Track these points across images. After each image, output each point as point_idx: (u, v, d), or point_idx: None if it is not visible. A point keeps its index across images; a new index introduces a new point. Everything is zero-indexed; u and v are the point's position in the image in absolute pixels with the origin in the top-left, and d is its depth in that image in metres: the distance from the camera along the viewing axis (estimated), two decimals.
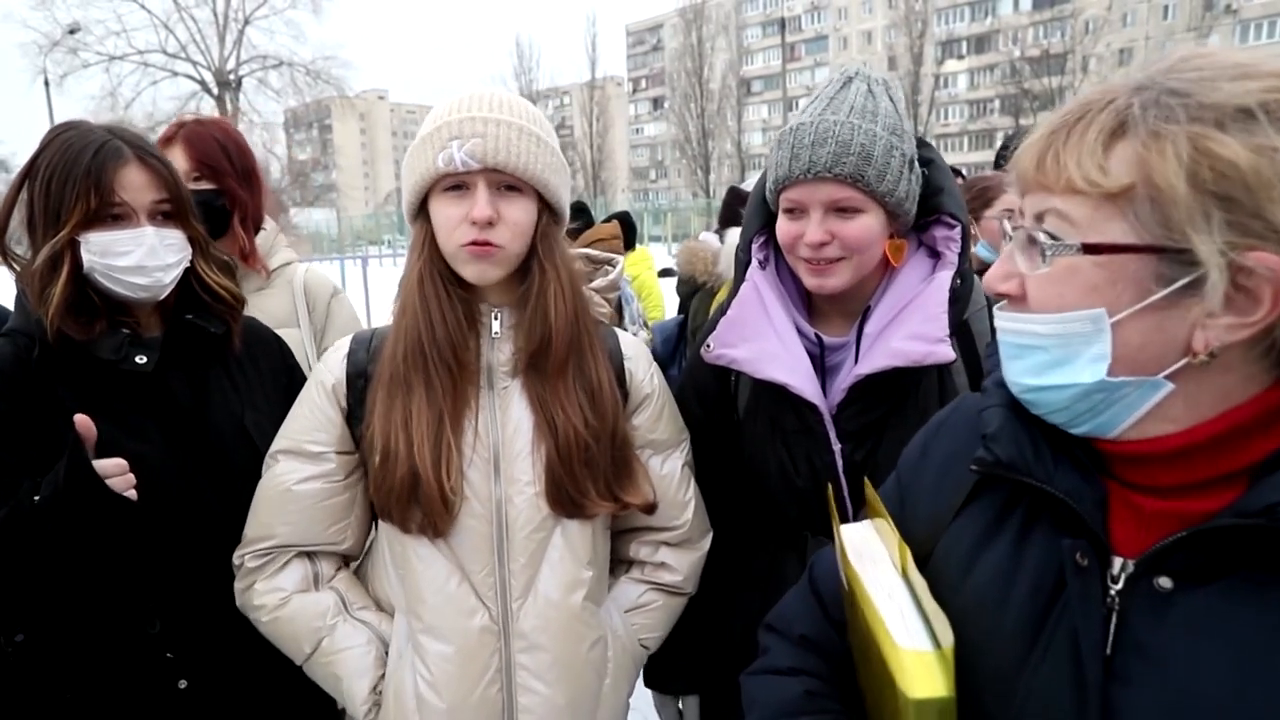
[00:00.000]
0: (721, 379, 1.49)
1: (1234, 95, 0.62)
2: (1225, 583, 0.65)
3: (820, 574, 1.03)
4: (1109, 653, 0.69)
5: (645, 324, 4.32)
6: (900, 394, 1.32)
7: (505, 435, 1.26)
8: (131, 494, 1.20)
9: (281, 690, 1.41)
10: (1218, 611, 0.65)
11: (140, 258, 1.28)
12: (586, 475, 1.25)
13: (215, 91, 31.43)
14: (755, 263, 1.42)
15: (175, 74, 31.43)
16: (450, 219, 1.20)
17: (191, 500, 1.34)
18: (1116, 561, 0.71)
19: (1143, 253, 0.65)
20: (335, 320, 1.97)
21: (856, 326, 1.35)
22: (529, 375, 1.27)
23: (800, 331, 1.38)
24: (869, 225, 1.28)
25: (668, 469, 1.40)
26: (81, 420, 1.15)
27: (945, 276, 1.31)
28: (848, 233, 1.27)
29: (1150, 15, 51.09)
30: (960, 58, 61.80)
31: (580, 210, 5.24)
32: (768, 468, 1.40)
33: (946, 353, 1.24)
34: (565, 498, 1.25)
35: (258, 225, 1.92)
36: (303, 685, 1.33)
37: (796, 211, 1.30)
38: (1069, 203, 0.68)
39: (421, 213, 1.26)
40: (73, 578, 1.25)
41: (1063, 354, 0.70)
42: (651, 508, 1.34)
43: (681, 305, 3.64)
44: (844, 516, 1.35)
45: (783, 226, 1.33)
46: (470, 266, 1.22)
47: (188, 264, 1.36)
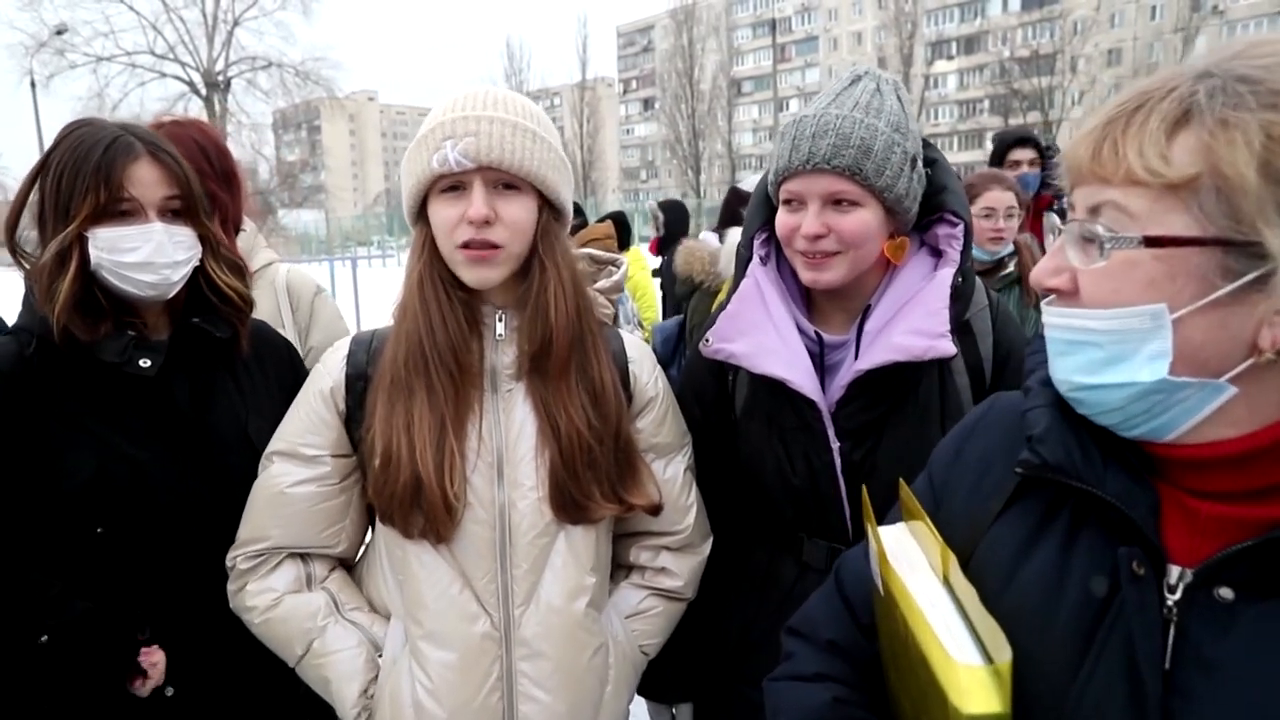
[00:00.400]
0: (719, 377, 1.48)
1: None
2: None
3: (847, 577, 1.00)
4: (1168, 666, 0.66)
5: (640, 324, 4.31)
6: (900, 392, 1.31)
7: (509, 439, 1.24)
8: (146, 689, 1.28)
9: (275, 699, 1.39)
10: None
11: (148, 254, 1.25)
12: (590, 478, 1.23)
13: (204, 93, 31.25)
14: (757, 258, 1.41)
15: (164, 75, 31.26)
16: (448, 220, 1.19)
17: (188, 507, 1.32)
18: (1173, 570, 0.68)
19: (1208, 245, 0.62)
20: (319, 319, 1.95)
21: (857, 325, 1.34)
22: (532, 378, 1.25)
23: (800, 329, 1.37)
24: (866, 220, 1.27)
25: (670, 473, 1.38)
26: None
27: (947, 274, 1.30)
28: (844, 226, 1.26)
29: (1138, 16, 51.46)
30: (950, 58, 62.09)
31: (575, 210, 5.22)
32: (764, 466, 1.39)
33: (947, 347, 1.23)
34: (569, 502, 1.23)
35: (237, 227, 1.90)
36: (297, 695, 1.31)
37: (795, 203, 1.29)
38: (1128, 194, 0.65)
39: (421, 215, 1.24)
40: (63, 582, 1.23)
41: (1119, 350, 0.67)
42: (657, 509, 1.32)
43: (679, 305, 3.63)
44: (843, 518, 1.34)
45: (781, 219, 1.32)
46: (470, 271, 1.21)
47: (197, 263, 1.34)
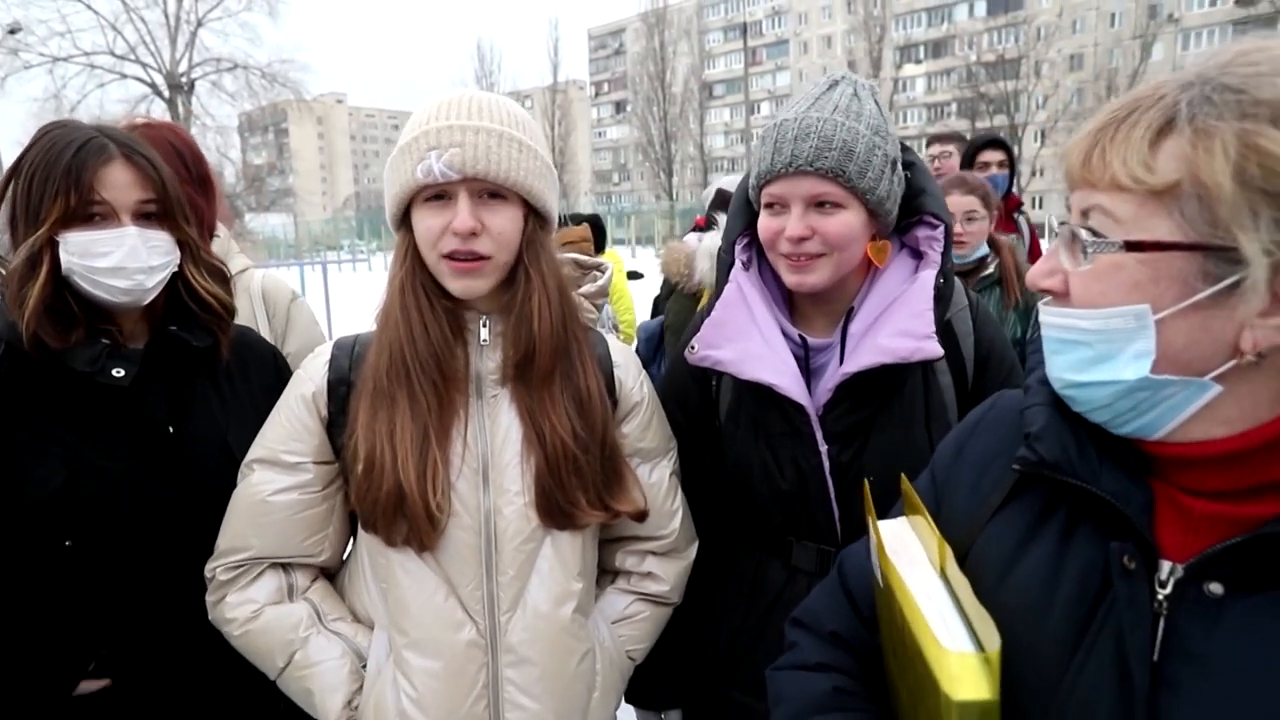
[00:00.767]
0: (702, 383, 1.48)
1: None
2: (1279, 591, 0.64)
3: (850, 570, 1.02)
4: (1156, 658, 0.68)
5: (615, 327, 4.30)
6: (886, 394, 1.32)
7: (494, 445, 1.23)
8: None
9: (252, 714, 1.36)
10: (1272, 620, 0.64)
11: (121, 259, 1.22)
12: (576, 485, 1.23)
13: (166, 95, 30.66)
14: (739, 263, 1.41)
15: (124, 76, 30.60)
16: (432, 230, 1.17)
17: (163, 521, 1.29)
18: (1165, 566, 0.70)
19: (1187, 250, 0.63)
20: (295, 325, 1.93)
21: (841, 327, 1.35)
22: (516, 384, 1.24)
23: (785, 333, 1.37)
24: (849, 222, 1.27)
25: (655, 477, 1.38)
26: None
27: (929, 275, 1.31)
28: (828, 228, 1.27)
29: (1099, 22, 52.62)
30: (918, 62, 62.99)
31: None
32: (751, 471, 1.39)
33: (934, 348, 1.24)
34: (555, 508, 1.22)
35: (212, 232, 1.87)
36: (276, 712, 1.28)
37: (778, 207, 1.30)
38: (1114, 199, 0.67)
39: (404, 222, 1.22)
40: (22, 598, 1.20)
41: (1106, 349, 0.69)
42: (643, 515, 1.31)
43: (659, 306, 3.63)
44: (832, 520, 1.35)
45: (764, 222, 1.32)
46: (455, 282, 1.19)
47: (175, 268, 1.31)
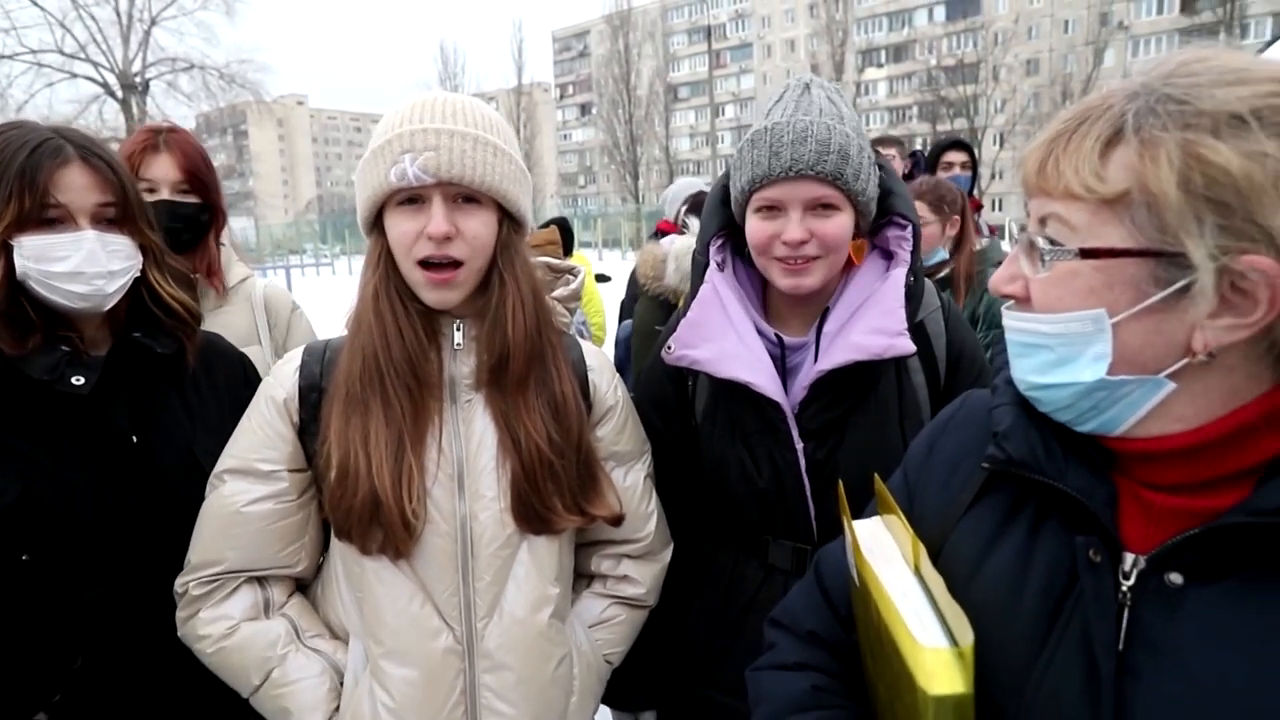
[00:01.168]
0: (678, 384, 1.49)
1: (1227, 102, 0.63)
2: (1235, 579, 0.67)
3: (826, 570, 1.04)
4: (1121, 648, 0.70)
5: (584, 328, 4.28)
6: (861, 391, 1.34)
7: (469, 451, 1.22)
8: None
9: None
10: (1228, 607, 0.66)
11: (78, 263, 1.19)
12: (552, 490, 1.22)
13: (120, 95, 29.86)
14: (714, 265, 1.42)
15: (74, 75, 29.72)
16: (406, 234, 1.16)
17: (126, 533, 1.25)
18: (1128, 558, 0.72)
19: (1139, 256, 0.66)
20: (295, 335, 1.93)
21: (816, 327, 1.37)
22: (491, 389, 1.23)
23: (761, 332, 1.39)
24: (844, 224, 1.29)
25: (630, 481, 1.38)
26: None
27: (900, 274, 1.34)
28: (826, 231, 1.28)
29: (1053, 29, 53.89)
30: (880, 66, 63.88)
31: None
32: (728, 470, 1.40)
33: (906, 345, 1.27)
34: (532, 513, 1.22)
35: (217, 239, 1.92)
36: None
37: (774, 210, 1.30)
38: (1069, 208, 0.70)
39: (376, 225, 1.21)
40: None
41: (1066, 353, 0.72)
42: (619, 519, 1.32)
43: (625, 310, 3.63)
44: (808, 518, 1.36)
45: (757, 226, 1.32)
46: (431, 293, 1.18)
47: (137, 273, 1.27)
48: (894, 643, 0.76)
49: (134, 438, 1.29)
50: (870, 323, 1.30)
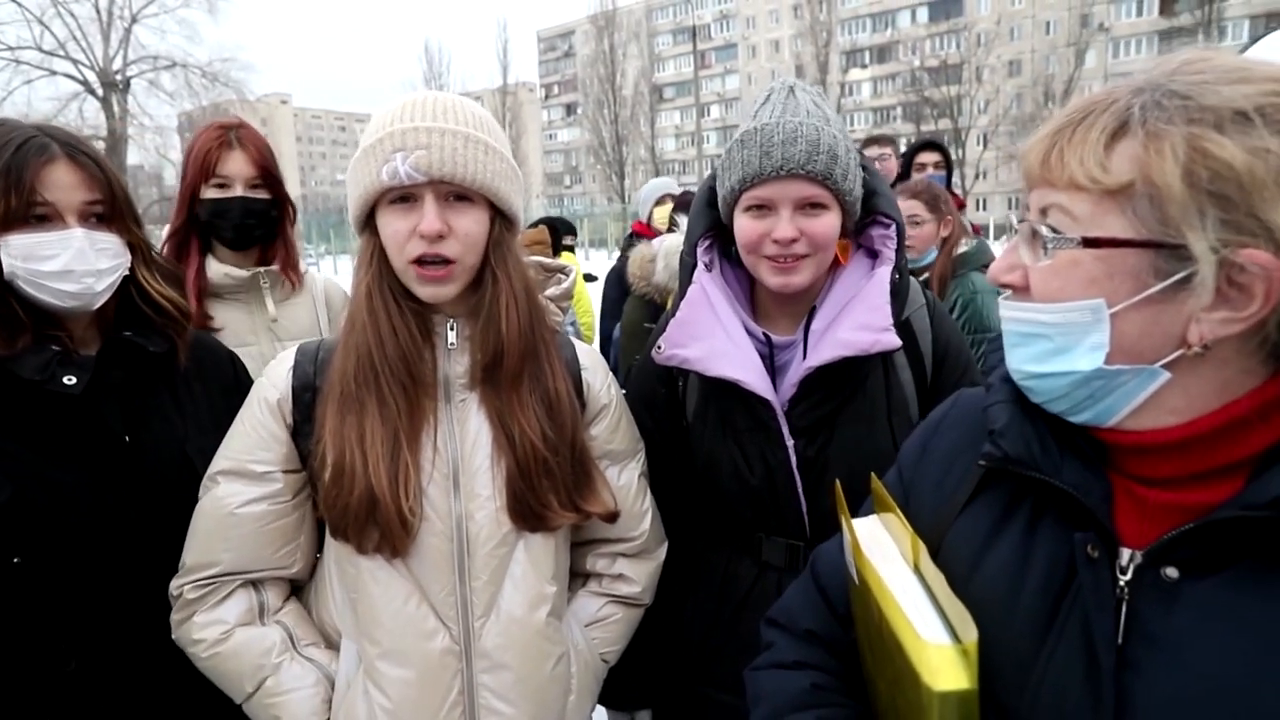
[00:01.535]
0: (669, 383, 1.50)
1: (1231, 99, 0.65)
2: (1231, 572, 0.68)
3: (822, 568, 1.05)
4: (1120, 641, 0.71)
5: (574, 329, 4.29)
6: (849, 388, 1.36)
7: (464, 450, 1.22)
8: None
9: None
10: (1224, 600, 0.68)
11: (67, 262, 1.18)
12: (548, 487, 1.23)
13: (100, 93, 29.50)
14: (701, 265, 1.43)
15: (53, 73, 29.32)
16: (398, 233, 1.16)
17: (119, 534, 1.25)
18: (1125, 553, 0.73)
19: (1140, 247, 0.67)
20: None
21: (803, 325, 1.38)
22: (485, 388, 1.24)
23: (749, 331, 1.40)
24: (833, 223, 1.31)
25: (625, 479, 1.38)
26: None
27: (885, 271, 1.36)
28: (815, 229, 1.30)
29: (1035, 30, 54.36)
30: (864, 67, 64.16)
31: None
32: (720, 469, 1.41)
33: (892, 340, 1.29)
34: (527, 511, 1.22)
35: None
36: None
37: (763, 209, 1.31)
38: (1072, 198, 0.71)
39: (368, 224, 1.21)
40: None
41: (1064, 342, 0.73)
42: (614, 516, 1.32)
43: (606, 309, 3.65)
44: (800, 514, 1.38)
45: (747, 225, 1.33)
46: (424, 289, 1.18)
47: (126, 272, 1.27)
48: (896, 640, 0.77)
49: (126, 437, 1.28)
50: (857, 319, 1.31)
